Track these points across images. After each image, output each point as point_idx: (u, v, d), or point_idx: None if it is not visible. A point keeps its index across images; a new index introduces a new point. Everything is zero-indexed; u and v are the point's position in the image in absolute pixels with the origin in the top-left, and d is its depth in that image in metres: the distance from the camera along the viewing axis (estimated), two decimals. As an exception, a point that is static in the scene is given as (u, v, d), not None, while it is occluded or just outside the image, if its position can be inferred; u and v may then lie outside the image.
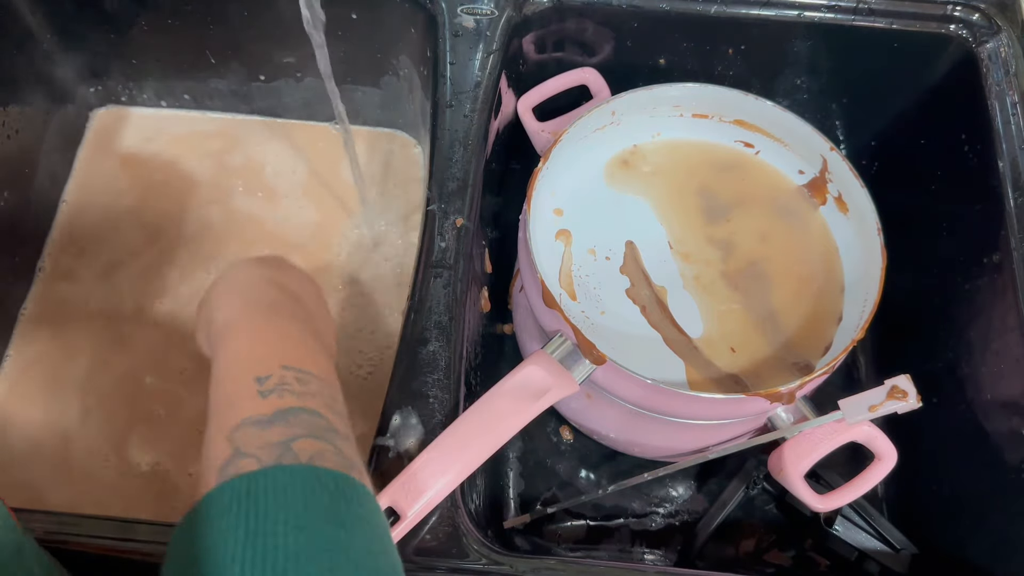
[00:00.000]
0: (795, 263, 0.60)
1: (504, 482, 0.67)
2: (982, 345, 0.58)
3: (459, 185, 0.61)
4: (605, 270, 0.59)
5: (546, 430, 0.69)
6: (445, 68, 0.64)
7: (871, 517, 0.60)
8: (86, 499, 0.65)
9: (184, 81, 0.79)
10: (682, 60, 0.70)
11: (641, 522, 0.66)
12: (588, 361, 0.52)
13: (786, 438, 0.53)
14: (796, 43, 0.68)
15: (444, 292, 0.56)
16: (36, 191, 0.74)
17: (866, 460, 0.52)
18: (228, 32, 0.74)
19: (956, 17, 0.64)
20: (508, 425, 0.51)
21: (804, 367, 0.55)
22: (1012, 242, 0.56)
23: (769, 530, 0.65)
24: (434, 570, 0.49)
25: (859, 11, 0.65)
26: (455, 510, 0.50)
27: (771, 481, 0.62)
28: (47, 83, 0.75)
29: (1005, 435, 0.55)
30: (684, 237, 0.60)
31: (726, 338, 0.57)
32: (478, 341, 0.63)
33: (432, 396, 0.53)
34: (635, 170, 0.63)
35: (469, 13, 0.66)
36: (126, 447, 0.67)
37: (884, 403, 0.49)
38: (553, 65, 0.70)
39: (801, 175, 0.63)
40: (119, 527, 0.49)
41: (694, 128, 0.64)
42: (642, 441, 0.61)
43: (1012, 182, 0.58)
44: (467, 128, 0.63)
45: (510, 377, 0.53)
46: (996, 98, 0.61)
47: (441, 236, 0.58)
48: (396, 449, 0.52)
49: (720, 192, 0.62)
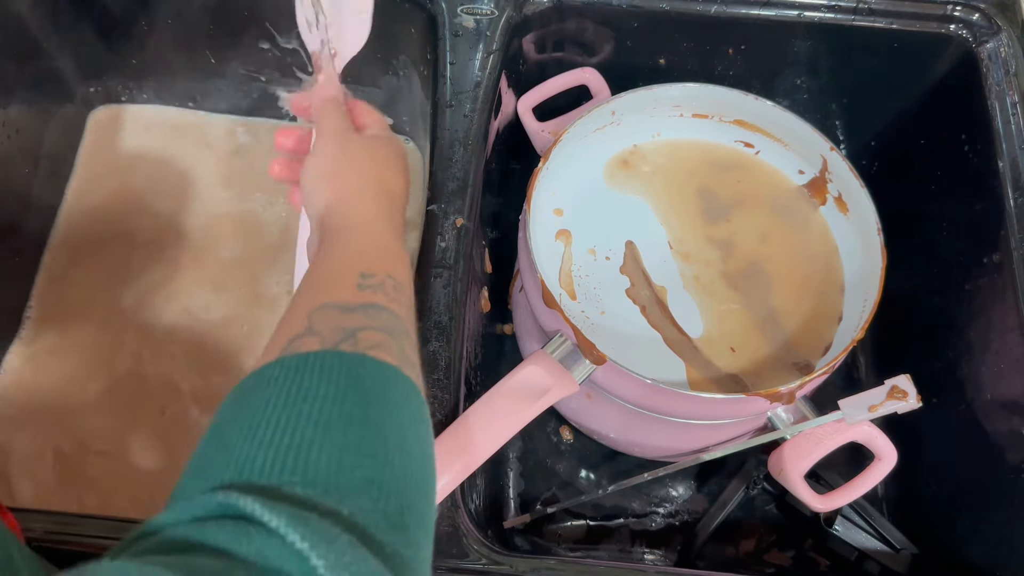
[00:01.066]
0: (795, 263, 0.60)
1: (504, 482, 0.67)
2: (982, 345, 0.58)
3: (459, 185, 0.61)
4: (605, 270, 0.59)
5: (546, 430, 0.69)
6: (445, 68, 0.64)
7: (871, 517, 0.60)
8: (87, 499, 0.65)
9: (184, 81, 0.79)
10: (682, 60, 0.70)
11: (641, 522, 0.66)
12: (588, 361, 0.52)
13: (786, 438, 0.53)
14: (796, 43, 0.68)
15: (444, 292, 0.56)
16: (36, 191, 0.74)
17: (866, 460, 0.52)
18: (228, 32, 0.74)
19: (956, 17, 0.64)
20: (508, 425, 0.51)
21: (804, 367, 0.55)
22: (1012, 242, 0.56)
23: (769, 530, 0.65)
24: (434, 570, 0.49)
25: (859, 11, 0.65)
26: (455, 510, 0.50)
27: (771, 481, 0.62)
28: (47, 83, 0.75)
29: (1005, 435, 0.55)
30: (684, 237, 0.60)
31: (726, 338, 0.57)
32: (478, 341, 0.63)
33: (432, 396, 0.53)
34: (635, 170, 0.63)
35: (469, 13, 0.66)
36: (128, 447, 0.67)
37: (884, 403, 0.49)
38: (553, 65, 0.70)
39: (801, 175, 0.63)
40: (119, 527, 0.49)
41: (694, 128, 0.64)
42: (642, 441, 0.61)
43: (1012, 182, 0.58)
44: (467, 128, 0.63)
45: (510, 377, 0.53)
46: (996, 98, 0.61)
47: (441, 236, 0.58)
48: (396, 449, 0.52)
49: (720, 192, 0.62)
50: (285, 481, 0.27)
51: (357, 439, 0.30)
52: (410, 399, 0.34)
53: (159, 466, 0.66)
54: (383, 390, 0.32)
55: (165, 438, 0.67)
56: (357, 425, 0.30)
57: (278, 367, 0.32)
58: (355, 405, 0.31)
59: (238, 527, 0.25)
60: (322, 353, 0.32)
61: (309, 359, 0.32)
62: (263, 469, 0.28)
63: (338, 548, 0.25)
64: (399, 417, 0.32)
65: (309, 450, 0.28)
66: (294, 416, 0.29)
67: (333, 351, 0.33)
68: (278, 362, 0.32)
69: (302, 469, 0.28)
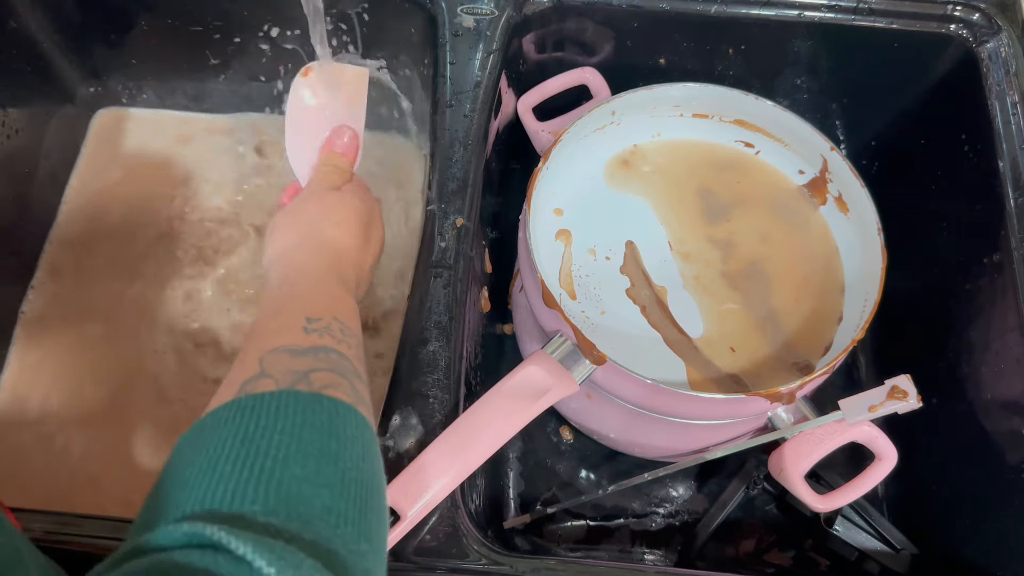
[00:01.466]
0: (795, 263, 0.60)
1: (504, 482, 0.67)
2: (982, 345, 0.58)
3: (459, 185, 0.61)
4: (605, 270, 0.59)
5: (546, 430, 0.69)
6: (445, 68, 0.64)
7: (871, 517, 0.60)
8: (87, 499, 0.65)
9: (184, 81, 0.79)
10: (682, 60, 0.70)
11: (641, 522, 0.66)
12: (588, 361, 0.52)
13: (786, 438, 0.53)
14: (796, 43, 0.68)
15: (444, 292, 0.56)
16: (36, 191, 0.74)
17: (866, 460, 0.52)
18: (228, 32, 0.74)
19: (956, 17, 0.64)
20: (508, 425, 0.51)
21: (804, 367, 0.55)
22: (1012, 242, 0.56)
23: (769, 530, 0.65)
24: (434, 570, 0.49)
25: (859, 11, 0.65)
26: (455, 510, 0.50)
27: (771, 481, 0.62)
28: (47, 83, 0.75)
29: (1005, 435, 0.55)
30: (684, 237, 0.60)
31: (726, 338, 0.57)
32: (478, 341, 0.63)
33: (432, 396, 0.53)
34: (635, 170, 0.63)
35: (469, 13, 0.66)
36: (128, 448, 0.67)
37: (884, 403, 0.49)
38: (553, 65, 0.70)
39: (801, 175, 0.63)
40: (119, 527, 0.49)
41: (694, 128, 0.64)
42: (642, 441, 0.61)
43: (1012, 182, 0.58)
44: (467, 128, 0.63)
45: (510, 377, 0.53)
46: (996, 98, 0.61)
47: (441, 236, 0.58)
48: (396, 449, 0.52)
49: (720, 192, 0.62)
50: (247, 510, 0.28)
51: (315, 471, 0.31)
52: (363, 434, 0.35)
53: (160, 466, 0.66)
54: (338, 426, 0.33)
55: (165, 438, 0.67)
56: (314, 458, 0.31)
57: (235, 407, 0.32)
58: (311, 440, 0.32)
59: (204, 555, 0.26)
60: (278, 393, 0.33)
61: (265, 399, 0.33)
62: (224, 499, 0.28)
63: (304, 573, 0.26)
64: (353, 450, 0.33)
65: (269, 481, 0.29)
66: (252, 451, 0.30)
67: (289, 391, 0.34)
68: (234, 402, 0.33)
69: (263, 499, 0.28)
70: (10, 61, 0.70)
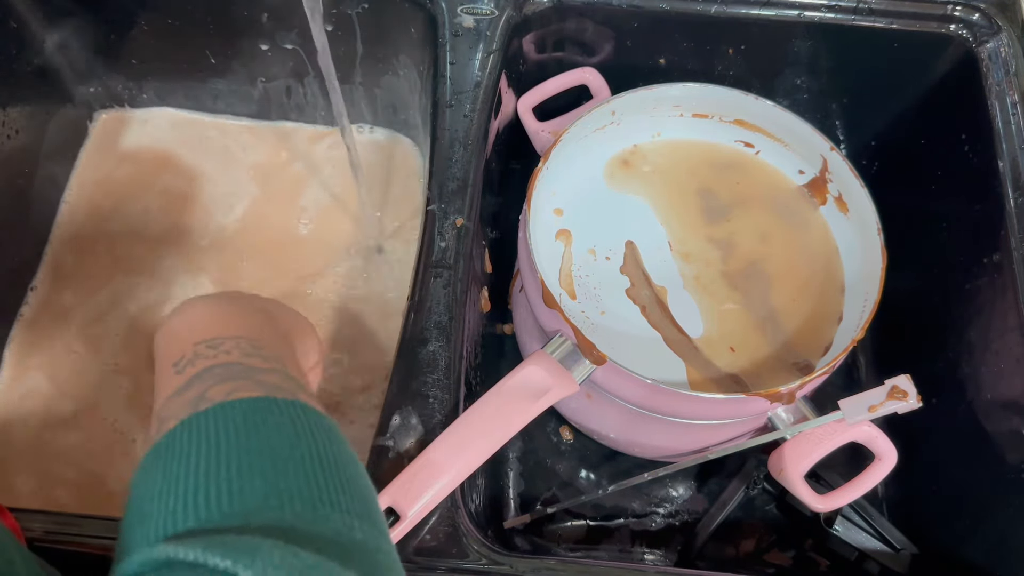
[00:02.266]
0: (795, 263, 0.60)
1: (504, 482, 0.67)
2: (982, 345, 0.58)
3: (459, 185, 0.61)
4: (605, 270, 0.59)
5: (546, 430, 0.69)
6: (445, 68, 0.64)
7: (871, 517, 0.60)
8: (86, 499, 0.65)
9: (184, 82, 0.79)
10: (682, 60, 0.70)
11: (641, 522, 0.66)
12: (588, 361, 0.52)
13: (786, 438, 0.53)
14: (796, 43, 0.68)
15: (444, 292, 0.56)
16: (36, 191, 0.74)
17: (866, 460, 0.52)
18: (228, 32, 0.74)
19: (956, 17, 0.64)
20: (508, 425, 0.51)
21: (804, 367, 0.55)
22: (1012, 242, 0.56)
23: (769, 530, 0.65)
24: (434, 570, 0.49)
25: (859, 11, 0.65)
26: (455, 510, 0.50)
27: (771, 481, 0.62)
28: (47, 83, 0.75)
29: (1005, 435, 0.55)
30: (684, 237, 0.60)
31: (726, 338, 0.57)
32: (478, 341, 0.63)
33: (432, 396, 0.53)
34: (635, 170, 0.63)
35: (469, 13, 0.66)
36: (127, 448, 0.67)
37: (884, 403, 0.49)
38: (553, 65, 0.70)
39: (801, 175, 0.63)
40: (119, 527, 0.49)
41: (694, 128, 0.64)
42: (642, 441, 0.61)
43: (1012, 182, 0.58)
44: (467, 128, 0.63)
45: (510, 377, 0.53)
46: (996, 98, 0.61)
47: (441, 236, 0.58)
48: (396, 449, 0.52)
49: (720, 192, 0.62)
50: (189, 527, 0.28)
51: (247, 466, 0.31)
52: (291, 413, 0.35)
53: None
54: (255, 420, 0.33)
55: (165, 438, 0.67)
56: (235, 457, 0.31)
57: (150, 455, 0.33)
58: (229, 445, 0.32)
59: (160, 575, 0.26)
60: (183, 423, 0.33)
61: (173, 432, 0.33)
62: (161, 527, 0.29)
63: (264, 554, 0.26)
64: (283, 434, 0.33)
65: (196, 496, 0.29)
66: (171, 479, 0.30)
67: (190, 417, 0.33)
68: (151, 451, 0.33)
69: (193, 513, 0.29)
70: (10, 61, 0.70)
